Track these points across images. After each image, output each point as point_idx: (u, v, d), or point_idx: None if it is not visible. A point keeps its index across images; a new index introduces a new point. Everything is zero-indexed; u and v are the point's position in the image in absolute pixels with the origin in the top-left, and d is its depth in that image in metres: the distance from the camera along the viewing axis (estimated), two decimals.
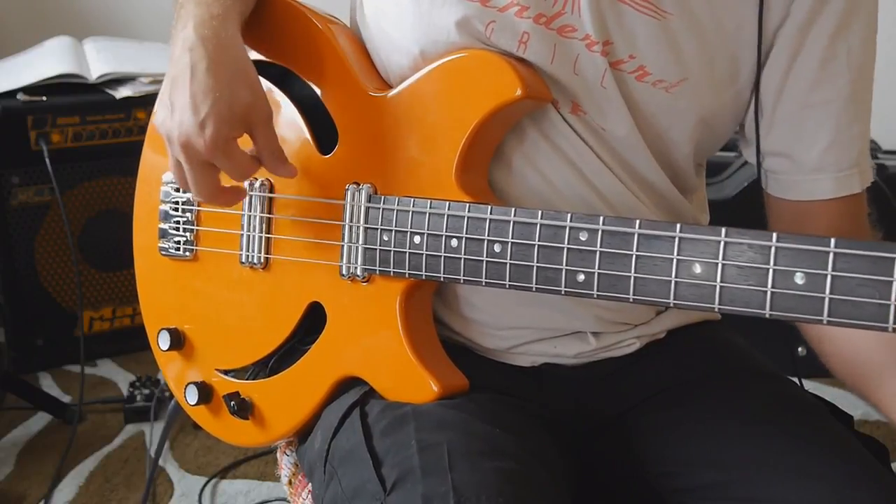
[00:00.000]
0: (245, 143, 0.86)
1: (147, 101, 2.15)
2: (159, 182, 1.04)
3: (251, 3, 0.92)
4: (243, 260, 0.97)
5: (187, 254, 1.02)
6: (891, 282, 0.63)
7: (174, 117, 0.82)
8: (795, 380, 0.97)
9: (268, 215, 0.95)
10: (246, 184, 0.94)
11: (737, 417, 0.89)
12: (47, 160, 2.04)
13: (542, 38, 0.84)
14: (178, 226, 1.02)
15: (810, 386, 0.96)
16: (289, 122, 0.95)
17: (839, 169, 0.88)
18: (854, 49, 0.85)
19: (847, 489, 0.80)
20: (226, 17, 0.85)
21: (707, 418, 0.90)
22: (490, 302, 0.91)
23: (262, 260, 0.96)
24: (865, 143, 0.89)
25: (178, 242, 1.02)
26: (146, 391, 2.06)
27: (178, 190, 1.02)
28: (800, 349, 2.00)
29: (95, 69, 2.21)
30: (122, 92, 2.15)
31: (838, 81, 0.86)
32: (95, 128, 2.14)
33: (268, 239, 0.95)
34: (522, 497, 0.74)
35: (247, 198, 0.96)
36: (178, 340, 1.02)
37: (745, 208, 0.97)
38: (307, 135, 0.94)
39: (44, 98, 2.09)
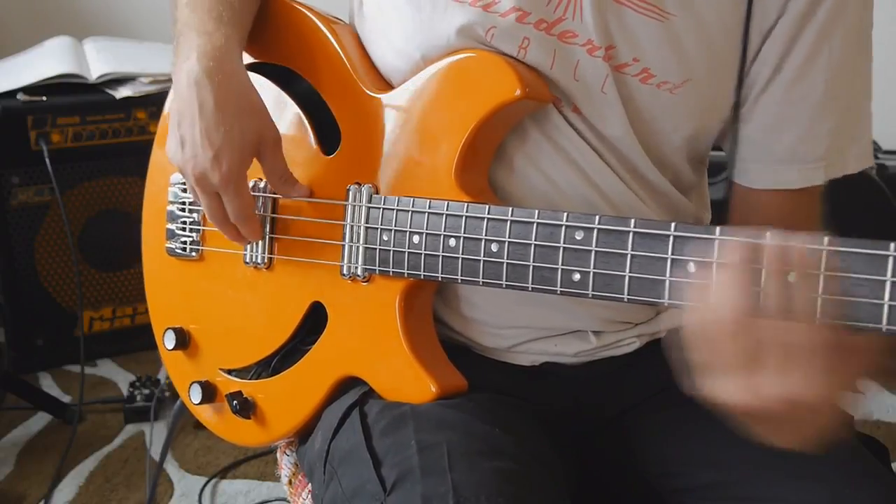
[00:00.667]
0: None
1: (147, 101, 2.15)
2: (167, 183, 1.04)
3: (249, 26, 0.93)
4: (247, 260, 0.97)
5: (193, 254, 1.02)
6: (884, 281, 0.63)
7: (185, 152, 0.84)
8: None
9: (271, 215, 0.95)
10: (249, 184, 0.95)
11: None
12: (47, 160, 2.04)
13: (542, 44, 0.84)
14: (184, 226, 1.02)
15: None
16: (293, 123, 0.95)
17: (806, 161, 0.89)
18: (835, 50, 0.85)
19: (847, 489, 0.80)
20: (229, 48, 0.87)
21: (707, 418, 0.89)
22: (490, 301, 0.91)
23: (266, 260, 0.96)
24: (834, 140, 0.89)
25: (185, 243, 1.02)
26: (146, 391, 2.06)
27: (185, 191, 1.02)
28: None
29: (95, 69, 2.21)
30: (122, 92, 2.16)
31: (816, 79, 0.86)
32: (95, 128, 2.14)
33: (271, 239, 0.96)
34: (522, 497, 0.75)
35: None
36: (184, 340, 1.03)
37: None
38: (311, 136, 0.94)
39: (44, 98, 2.09)
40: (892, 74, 2.02)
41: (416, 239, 0.85)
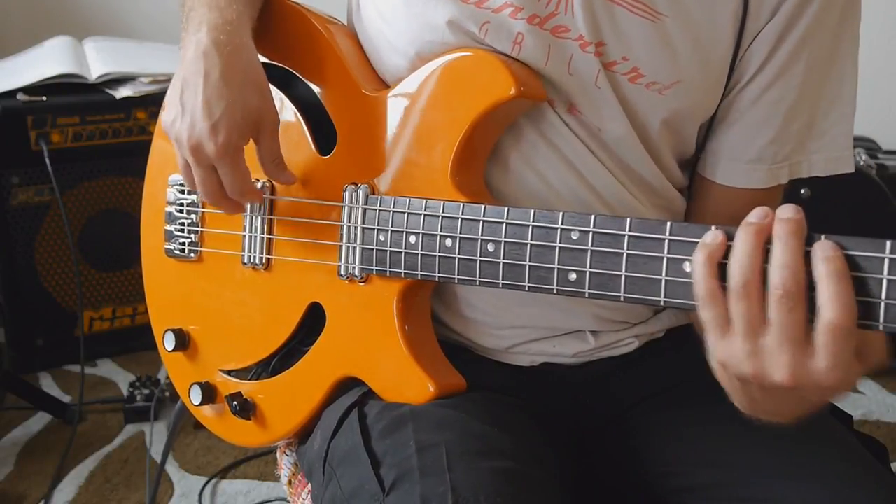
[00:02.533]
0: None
1: (147, 101, 2.16)
2: (165, 184, 1.04)
3: (259, 7, 0.92)
4: (245, 261, 0.97)
5: (192, 255, 1.02)
6: (881, 279, 0.63)
7: (185, 119, 0.83)
8: None
9: (269, 216, 0.95)
10: None
11: (736, 417, 0.88)
12: (47, 160, 2.04)
13: (537, 39, 0.84)
14: (183, 227, 1.02)
15: None
16: (289, 123, 0.95)
17: (774, 161, 0.89)
18: (814, 55, 0.86)
19: (846, 489, 0.80)
20: (240, 23, 0.87)
21: (706, 418, 0.90)
22: (489, 302, 0.91)
23: (264, 261, 0.96)
24: (802, 140, 0.89)
25: (184, 244, 1.02)
26: (146, 391, 2.06)
27: (183, 192, 1.02)
28: None
29: (95, 69, 2.21)
30: (122, 92, 2.16)
31: (792, 83, 0.86)
32: (95, 128, 2.15)
33: (269, 240, 0.96)
34: (520, 497, 0.75)
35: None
36: (183, 341, 1.03)
37: None
38: (307, 136, 0.94)
39: (44, 98, 2.10)
40: (892, 75, 2.02)
41: (412, 239, 0.85)
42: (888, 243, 0.62)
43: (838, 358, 0.62)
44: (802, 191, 1.91)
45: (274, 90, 0.95)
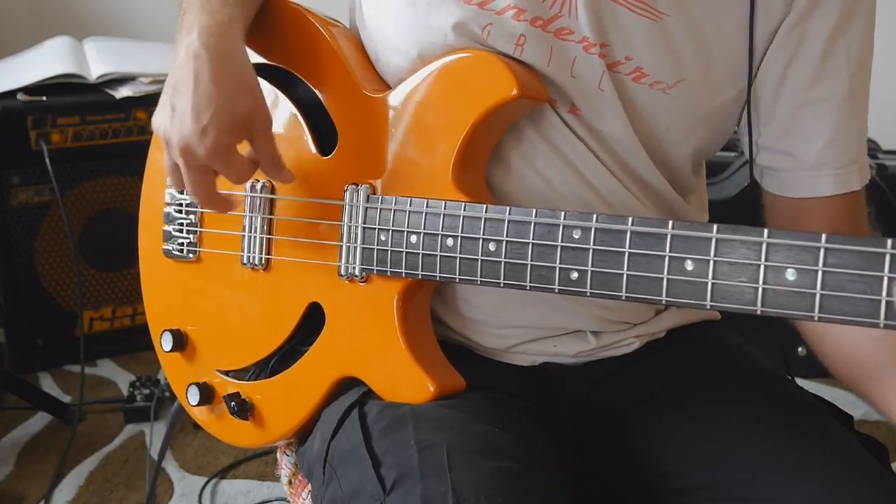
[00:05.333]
0: (244, 146, 0.87)
1: (147, 101, 2.15)
2: (164, 184, 1.04)
3: (254, 9, 0.92)
4: (244, 261, 0.97)
5: (190, 255, 1.02)
6: (881, 277, 0.63)
7: (174, 122, 0.83)
8: (795, 380, 0.97)
9: (268, 216, 0.95)
10: (248, 185, 0.95)
11: (737, 417, 0.89)
12: (47, 160, 2.04)
13: (539, 41, 0.84)
14: (181, 228, 1.02)
15: (810, 386, 0.96)
16: (289, 123, 0.95)
17: (839, 166, 0.88)
18: (853, 46, 0.85)
19: (846, 489, 0.80)
20: (231, 26, 0.87)
21: (707, 418, 0.90)
22: (489, 301, 0.91)
23: (263, 261, 0.96)
24: (864, 141, 0.89)
25: (182, 244, 1.02)
26: (146, 391, 2.06)
27: (182, 192, 1.02)
28: (800, 349, 1.99)
29: (95, 69, 2.21)
30: (122, 92, 2.16)
31: (838, 78, 0.86)
32: (95, 128, 2.15)
33: (268, 240, 0.95)
34: (521, 496, 0.75)
35: (248, 199, 0.96)
36: (181, 342, 1.02)
37: (746, 208, 0.96)
38: (307, 136, 0.94)
39: (44, 98, 2.09)
40: (892, 74, 2.02)
41: (413, 239, 0.85)
42: (889, 241, 0.63)
43: None
44: None
45: (274, 91, 0.96)
